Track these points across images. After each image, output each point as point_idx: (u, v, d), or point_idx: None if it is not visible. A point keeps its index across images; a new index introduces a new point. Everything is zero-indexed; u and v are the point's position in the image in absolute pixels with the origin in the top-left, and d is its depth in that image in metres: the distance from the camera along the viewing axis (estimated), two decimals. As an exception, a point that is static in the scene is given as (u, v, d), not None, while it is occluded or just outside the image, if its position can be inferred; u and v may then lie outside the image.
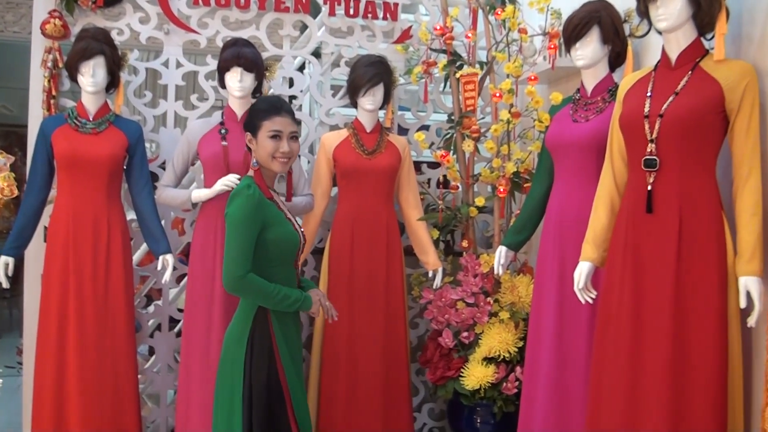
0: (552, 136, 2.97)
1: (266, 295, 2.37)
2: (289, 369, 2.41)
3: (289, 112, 2.50)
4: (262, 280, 2.37)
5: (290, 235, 2.45)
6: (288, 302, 2.40)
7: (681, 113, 2.32)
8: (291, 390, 2.41)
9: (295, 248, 2.47)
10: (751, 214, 2.23)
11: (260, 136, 2.45)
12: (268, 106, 2.49)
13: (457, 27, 3.67)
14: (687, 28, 2.37)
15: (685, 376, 2.24)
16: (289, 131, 2.46)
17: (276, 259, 2.42)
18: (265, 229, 2.38)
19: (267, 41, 3.71)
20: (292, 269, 2.50)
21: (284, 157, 2.45)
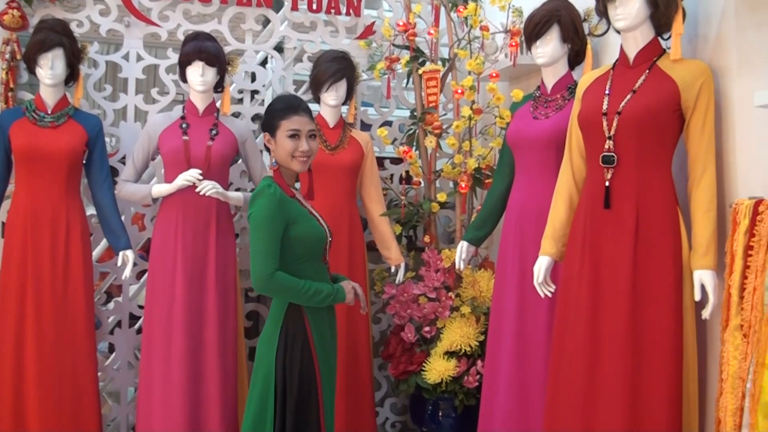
0: (513, 132, 3.01)
1: (297, 291, 2.36)
2: (323, 363, 2.42)
3: (307, 110, 2.48)
4: (292, 278, 2.36)
5: (316, 230, 2.45)
6: (320, 297, 2.39)
7: (638, 111, 2.36)
8: (323, 383, 2.41)
9: (322, 243, 2.47)
10: (706, 210, 2.28)
11: (279, 135, 2.44)
12: (285, 105, 2.47)
13: (419, 23, 3.69)
14: (644, 28, 2.41)
15: (641, 367, 2.29)
16: (307, 130, 2.45)
17: (304, 255, 2.42)
18: (290, 226, 2.37)
19: (229, 35, 3.68)
20: (321, 264, 2.49)
21: (304, 156, 2.44)
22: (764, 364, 1.91)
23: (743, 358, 2.03)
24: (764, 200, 2.01)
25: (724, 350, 2.11)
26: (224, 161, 3.27)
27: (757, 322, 1.97)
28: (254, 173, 3.43)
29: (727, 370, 2.08)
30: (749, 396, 1.97)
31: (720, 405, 2.11)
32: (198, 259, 3.18)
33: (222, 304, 3.20)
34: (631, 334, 2.32)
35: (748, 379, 1.99)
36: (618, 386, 2.31)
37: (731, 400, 2.04)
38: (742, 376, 2.02)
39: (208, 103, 3.31)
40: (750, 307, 2.01)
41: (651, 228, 2.34)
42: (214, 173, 3.20)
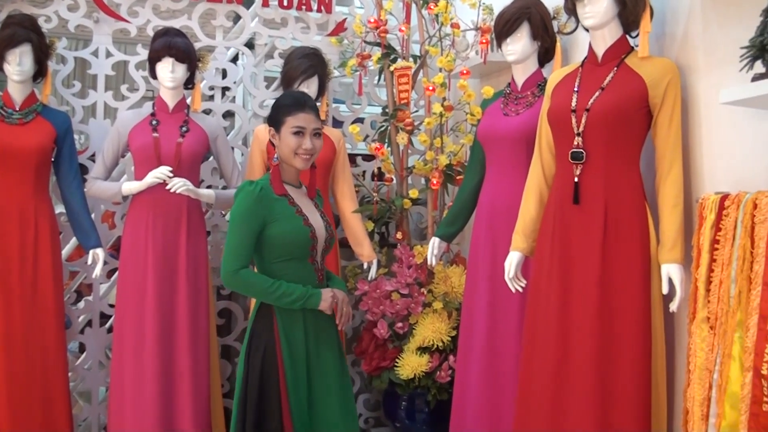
0: (483, 129, 3.03)
1: (262, 290, 2.34)
2: (290, 366, 2.35)
3: (313, 108, 2.47)
4: (260, 276, 2.36)
5: (296, 230, 2.39)
6: (290, 299, 2.34)
7: (606, 108, 2.39)
8: (290, 390, 2.34)
9: (304, 244, 2.40)
10: (673, 206, 2.32)
11: (283, 131, 2.42)
12: (291, 101, 2.45)
13: (391, 20, 3.70)
14: (613, 26, 2.44)
15: (610, 360, 2.32)
16: (312, 128, 2.43)
17: (284, 255, 2.38)
18: (268, 225, 2.35)
19: (199, 31, 3.66)
20: (307, 265, 2.43)
21: (306, 154, 2.42)
22: (731, 356, 1.95)
23: (710, 349, 2.06)
24: (730, 195, 2.05)
25: (692, 342, 2.15)
26: (195, 158, 3.25)
27: (724, 314, 2.01)
28: (225, 170, 3.41)
29: (695, 362, 2.12)
30: (716, 387, 2.01)
31: (688, 396, 2.15)
32: (169, 257, 3.15)
33: (193, 302, 3.18)
34: (600, 328, 2.35)
35: (715, 370, 2.03)
36: (587, 379, 2.34)
37: (698, 391, 2.08)
38: (709, 367, 2.06)
39: (179, 99, 3.28)
40: (716, 299, 2.05)
41: (619, 223, 2.37)
42: (184, 170, 3.18)
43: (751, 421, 1.84)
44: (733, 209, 2.01)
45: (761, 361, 1.84)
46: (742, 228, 1.96)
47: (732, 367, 1.94)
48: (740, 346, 1.92)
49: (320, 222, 2.48)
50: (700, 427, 2.07)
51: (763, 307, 1.86)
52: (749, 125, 2.14)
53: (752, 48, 1.88)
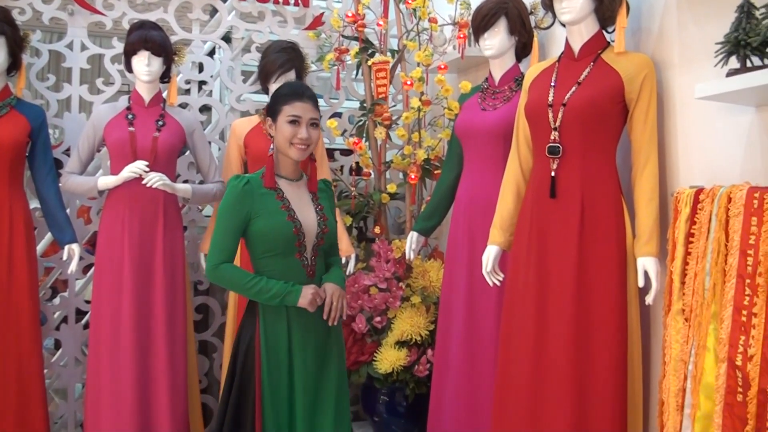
0: (461, 123, 3.04)
1: (241, 286, 2.32)
2: (268, 364, 2.30)
3: (311, 98, 2.41)
4: (240, 271, 2.33)
5: (278, 225, 2.33)
6: (267, 295, 2.29)
7: (583, 102, 2.41)
8: (264, 390, 2.29)
9: (287, 239, 2.33)
10: (649, 199, 2.35)
11: (279, 120, 2.37)
12: (289, 90, 2.40)
13: (368, 15, 3.70)
14: (589, 21, 2.46)
15: (587, 352, 2.34)
16: (308, 117, 2.37)
17: (268, 250, 2.34)
18: (253, 220, 2.32)
19: (175, 24, 3.63)
20: (294, 261, 2.36)
21: (302, 144, 2.36)
22: (705, 347, 1.98)
23: (685, 341, 2.09)
24: (705, 189, 2.07)
25: (667, 334, 2.17)
26: (171, 153, 3.22)
27: (698, 306, 2.04)
28: (202, 165, 3.39)
29: (670, 353, 2.15)
30: (691, 377, 2.04)
31: (663, 387, 2.18)
32: (146, 252, 3.12)
33: (171, 298, 3.16)
34: (576, 320, 2.37)
35: (689, 362, 2.05)
36: (565, 371, 2.36)
37: (674, 382, 2.11)
38: (684, 358, 2.09)
39: (155, 93, 3.25)
40: (691, 292, 2.08)
41: (596, 217, 2.39)
42: (161, 165, 3.15)
43: (726, 411, 1.87)
44: (707, 203, 2.04)
45: (735, 352, 1.87)
46: (716, 221, 1.99)
47: (707, 359, 1.97)
48: (715, 338, 1.95)
49: (312, 216, 2.41)
50: (676, 418, 2.09)
51: (737, 300, 1.89)
52: (724, 120, 2.17)
53: (727, 44, 1.91)
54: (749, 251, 1.87)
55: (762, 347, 1.81)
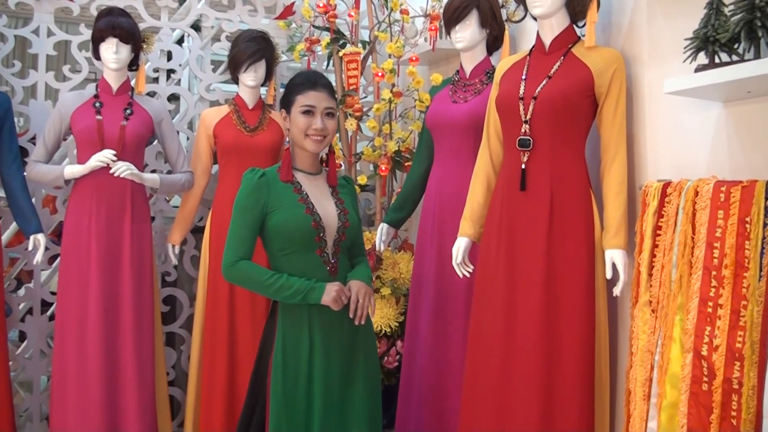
0: (432, 115, 3.05)
1: (260, 283, 2.20)
2: (279, 371, 2.19)
3: (326, 86, 2.32)
4: (258, 269, 2.21)
5: (297, 218, 2.22)
6: (288, 292, 2.18)
7: (553, 96, 2.43)
8: (273, 395, 2.18)
9: (307, 233, 2.23)
10: (617, 192, 2.38)
11: (293, 112, 2.28)
12: (303, 80, 2.31)
13: (340, 5, 3.68)
14: (560, 16, 2.48)
15: (556, 342, 2.37)
16: (323, 107, 2.27)
17: (286, 246, 2.24)
18: (269, 214, 2.23)
19: (144, 11, 3.57)
20: (314, 257, 2.26)
21: (317, 135, 2.26)
22: (671, 338, 2.02)
23: (652, 332, 2.13)
24: (672, 183, 2.11)
25: (634, 325, 2.21)
26: (139, 142, 3.19)
27: (665, 298, 2.07)
28: (170, 155, 3.35)
29: (637, 344, 2.18)
30: (657, 368, 2.08)
31: (630, 377, 2.21)
32: (113, 242, 3.08)
33: (138, 290, 3.12)
34: (545, 311, 2.39)
35: (656, 352, 2.09)
36: (533, 361, 2.39)
37: (640, 372, 2.15)
38: (650, 349, 2.12)
39: (123, 81, 3.21)
40: (658, 284, 2.12)
41: (565, 209, 2.42)
42: (128, 154, 3.11)
43: (691, 400, 1.91)
44: (675, 196, 2.08)
45: (701, 342, 1.91)
46: (683, 214, 2.02)
47: (673, 349, 2.01)
48: (681, 329, 1.99)
49: (332, 210, 2.31)
50: (642, 407, 2.13)
51: (703, 291, 1.92)
52: (692, 115, 2.21)
53: (696, 40, 1.94)
54: (715, 244, 1.91)
55: (727, 338, 1.85)
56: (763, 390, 1.75)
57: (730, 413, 1.83)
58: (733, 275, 1.86)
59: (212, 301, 3.32)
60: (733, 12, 1.84)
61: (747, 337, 1.81)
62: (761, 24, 1.77)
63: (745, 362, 1.81)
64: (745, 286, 1.83)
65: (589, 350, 2.36)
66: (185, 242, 3.66)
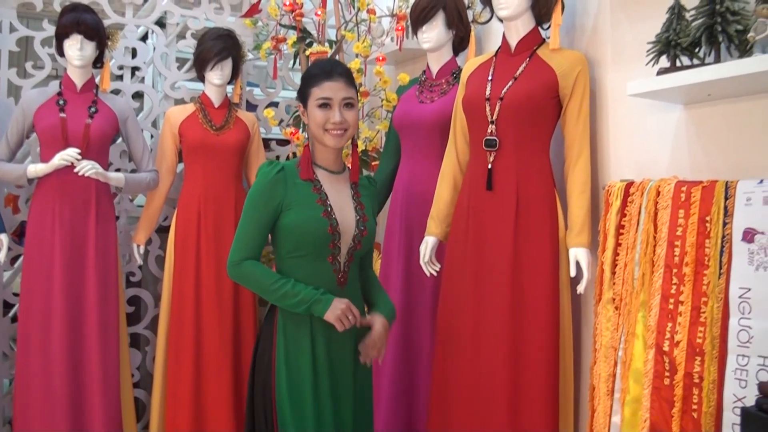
0: (399, 115, 3.06)
1: (264, 287, 2.06)
2: (285, 381, 2.05)
3: (343, 74, 2.13)
4: (265, 271, 2.08)
5: (311, 220, 2.06)
6: (293, 300, 2.03)
7: (519, 97, 2.46)
8: (280, 407, 2.04)
9: (321, 238, 2.07)
10: (581, 192, 2.42)
11: (309, 106, 2.12)
12: (317, 69, 2.14)
13: (306, 4, 3.68)
14: (526, 18, 2.52)
15: (522, 339, 2.41)
16: (341, 97, 2.09)
17: (298, 249, 2.09)
18: (284, 212, 2.07)
19: (108, 8, 3.53)
20: (325, 264, 2.11)
21: (337, 129, 2.09)
22: (634, 334, 2.06)
23: (615, 328, 2.18)
24: (634, 183, 2.16)
25: (598, 322, 2.25)
26: (104, 140, 3.15)
27: (628, 295, 2.12)
28: (135, 153, 3.32)
29: (600, 341, 2.23)
30: (621, 363, 2.12)
31: (594, 373, 2.26)
32: (77, 242, 3.05)
33: (103, 290, 3.09)
34: (511, 309, 2.43)
35: (619, 348, 2.14)
36: (500, 358, 2.42)
37: (604, 368, 2.20)
38: (614, 345, 2.17)
39: (87, 78, 3.17)
40: (621, 281, 2.16)
41: (530, 208, 2.45)
42: (93, 153, 3.08)
43: (654, 395, 1.96)
44: (637, 196, 2.12)
45: (663, 338, 1.96)
46: (645, 214, 2.07)
47: (635, 345, 2.06)
48: (643, 325, 2.04)
49: (350, 215, 2.15)
50: (606, 402, 2.18)
51: (664, 288, 1.97)
52: (654, 116, 2.26)
53: (658, 43, 1.99)
54: (676, 242, 1.96)
55: (688, 333, 1.90)
56: (723, 384, 1.80)
57: (691, 407, 1.89)
58: (693, 273, 1.91)
59: (177, 301, 3.29)
60: (694, 17, 1.89)
61: (707, 333, 1.87)
62: (721, 29, 1.82)
63: (706, 357, 1.86)
64: (705, 283, 1.89)
65: (554, 347, 2.40)
66: (150, 242, 3.63)
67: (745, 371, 1.76)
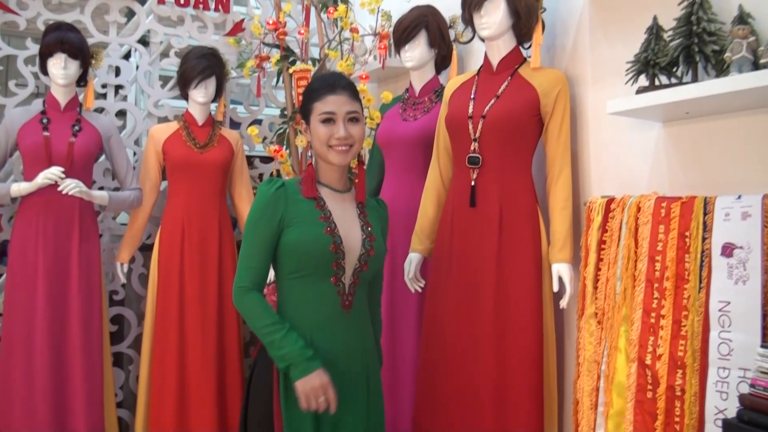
0: (383, 133, 3.09)
1: (256, 327, 1.93)
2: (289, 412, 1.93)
3: (347, 88, 2.03)
4: (263, 309, 1.94)
5: (315, 238, 1.95)
6: (276, 353, 1.91)
7: (501, 115, 2.50)
8: None
9: (324, 257, 1.95)
10: (562, 208, 2.46)
11: (312, 121, 2.02)
12: (320, 84, 2.03)
13: (290, 23, 3.69)
14: (507, 37, 2.56)
15: (506, 353, 2.43)
16: (345, 111, 1.99)
17: (299, 268, 1.97)
18: (285, 229, 1.96)
19: (92, 26, 3.53)
20: (329, 285, 1.98)
21: (342, 144, 1.98)
22: (617, 348, 2.09)
23: (598, 343, 2.20)
24: (615, 199, 2.19)
25: (581, 336, 2.28)
26: (88, 158, 3.15)
27: (610, 309, 2.15)
28: (119, 171, 3.31)
29: (584, 355, 2.25)
30: (604, 377, 2.15)
31: (577, 387, 2.28)
32: (60, 261, 3.03)
33: (86, 309, 3.07)
34: (495, 324, 2.45)
35: (602, 362, 2.16)
36: (485, 372, 2.44)
37: (587, 382, 2.22)
38: (597, 359, 2.19)
39: (71, 97, 3.17)
40: (603, 296, 2.19)
41: (513, 224, 2.48)
42: (77, 171, 3.07)
43: (637, 408, 1.99)
44: (618, 212, 2.16)
45: (645, 352, 1.99)
46: (626, 229, 2.11)
47: (618, 359, 2.08)
48: (626, 339, 2.07)
49: (356, 234, 2.03)
50: (590, 416, 2.20)
51: (646, 303, 2.01)
52: (634, 134, 2.30)
53: (637, 63, 2.03)
54: (657, 257, 1.99)
55: (669, 347, 1.93)
56: (704, 396, 1.83)
57: (673, 419, 1.91)
58: (674, 287, 1.94)
59: (161, 320, 3.27)
60: (672, 37, 1.94)
61: (688, 346, 1.90)
62: (698, 49, 1.88)
63: (687, 370, 1.89)
64: (685, 297, 1.92)
65: (538, 362, 2.42)
66: (133, 260, 3.61)
67: (726, 383, 1.79)
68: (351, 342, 2.02)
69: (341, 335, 2.00)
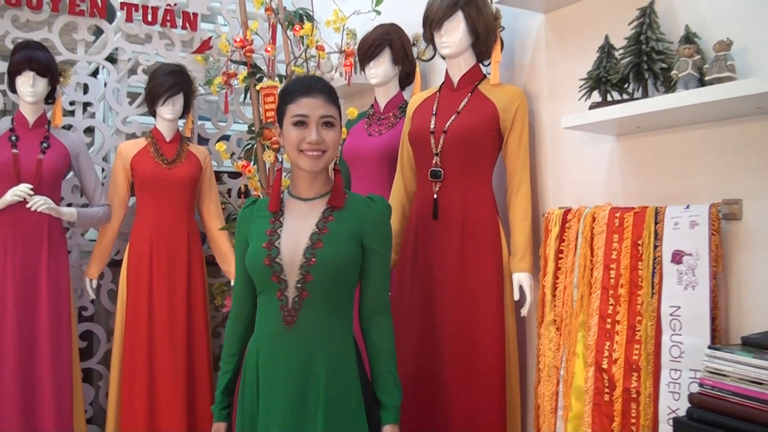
0: (348, 147, 3.15)
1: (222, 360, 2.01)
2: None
3: (323, 91, 1.91)
4: (231, 340, 2.01)
5: (253, 254, 1.89)
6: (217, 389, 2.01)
7: (462, 130, 2.57)
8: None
9: (259, 270, 1.87)
10: (522, 219, 2.53)
11: (285, 124, 1.91)
12: (296, 86, 1.92)
13: (257, 40, 3.74)
14: (467, 55, 2.64)
15: (469, 362, 2.48)
16: (318, 115, 1.87)
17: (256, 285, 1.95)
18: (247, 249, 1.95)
19: (59, 44, 3.55)
20: (273, 300, 1.88)
21: (313, 149, 1.86)
22: (575, 353, 2.16)
23: (557, 349, 2.27)
24: (572, 210, 2.27)
25: (541, 343, 2.35)
26: (56, 175, 3.16)
27: (568, 316, 2.22)
28: (88, 188, 3.33)
29: (544, 361, 2.32)
30: (563, 382, 2.22)
31: (538, 392, 2.35)
32: (29, 277, 3.03)
33: (55, 325, 3.07)
34: (458, 333, 2.50)
35: (561, 367, 2.23)
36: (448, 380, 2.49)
37: (547, 387, 2.29)
38: (556, 364, 2.26)
39: (39, 114, 3.18)
40: (561, 303, 2.27)
41: (475, 236, 2.54)
42: (45, 188, 3.08)
43: (595, 411, 2.06)
44: (574, 222, 2.24)
45: (602, 356, 2.06)
46: (582, 239, 2.18)
47: (576, 364, 2.15)
48: (583, 344, 2.14)
49: (300, 244, 1.88)
50: (550, 420, 2.27)
51: (602, 309, 2.08)
52: (588, 147, 2.38)
53: (590, 80, 2.12)
54: (612, 265, 2.07)
55: (625, 351, 2.01)
56: (658, 397, 1.91)
57: (630, 420, 1.99)
58: (628, 293, 2.02)
59: (130, 335, 3.28)
60: (622, 55, 2.03)
61: (643, 350, 1.97)
62: (647, 67, 1.97)
63: (642, 373, 1.97)
64: (639, 303, 2.00)
65: (501, 369, 2.47)
66: (102, 276, 3.62)
67: (677, 384, 1.87)
68: (291, 362, 1.85)
69: (281, 353, 1.87)
